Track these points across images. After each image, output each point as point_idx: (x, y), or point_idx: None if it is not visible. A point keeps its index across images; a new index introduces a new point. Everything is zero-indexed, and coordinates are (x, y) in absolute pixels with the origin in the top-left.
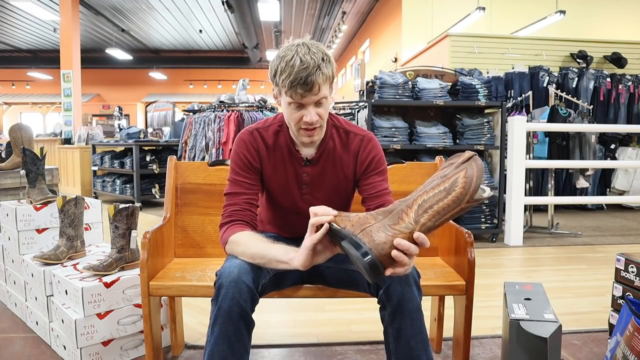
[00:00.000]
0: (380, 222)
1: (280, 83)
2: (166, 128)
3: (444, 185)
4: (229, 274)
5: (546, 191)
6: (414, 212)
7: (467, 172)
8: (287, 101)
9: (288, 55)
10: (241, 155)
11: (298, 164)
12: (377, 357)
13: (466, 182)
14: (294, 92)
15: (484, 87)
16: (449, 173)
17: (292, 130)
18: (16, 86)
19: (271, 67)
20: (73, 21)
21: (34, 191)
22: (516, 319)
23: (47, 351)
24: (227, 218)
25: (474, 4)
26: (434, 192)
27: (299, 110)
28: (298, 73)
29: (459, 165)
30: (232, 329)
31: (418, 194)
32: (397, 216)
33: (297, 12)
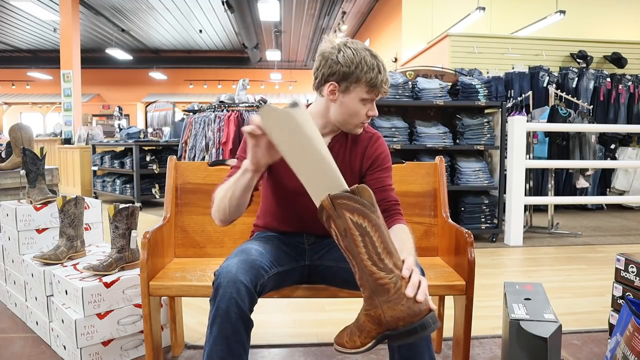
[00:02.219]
0: (381, 305)
1: (363, 78)
2: (166, 128)
3: (356, 237)
4: (226, 273)
5: (546, 191)
6: (377, 271)
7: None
8: (360, 97)
9: (362, 54)
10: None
11: None
12: (377, 357)
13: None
14: (375, 90)
15: (484, 87)
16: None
17: (348, 124)
18: (16, 86)
19: (345, 66)
20: (73, 21)
21: (34, 191)
22: (516, 319)
23: (47, 351)
24: (220, 184)
25: (474, 4)
26: (361, 248)
27: (366, 105)
28: (384, 75)
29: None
30: (230, 330)
31: (365, 258)
32: (380, 289)
33: (297, 12)
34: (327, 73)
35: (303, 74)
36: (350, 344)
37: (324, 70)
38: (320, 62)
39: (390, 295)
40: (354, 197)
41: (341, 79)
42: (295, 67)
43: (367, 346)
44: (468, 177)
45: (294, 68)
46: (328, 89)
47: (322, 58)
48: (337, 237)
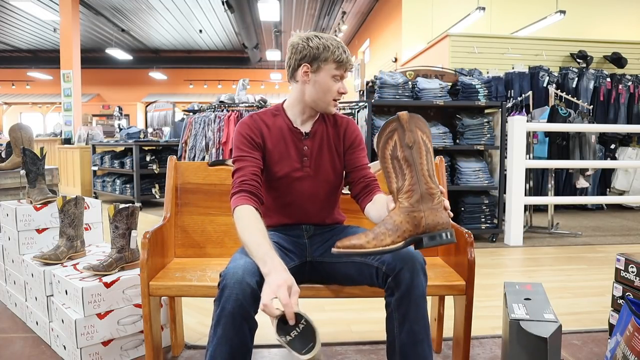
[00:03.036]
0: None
1: (331, 57)
2: (166, 128)
3: (422, 151)
4: (233, 274)
5: (546, 191)
6: (430, 182)
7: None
8: (331, 74)
9: (327, 38)
10: (245, 135)
11: (298, 138)
12: (377, 357)
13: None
14: (343, 66)
15: (484, 87)
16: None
17: (322, 102)
18: (16, 86)
19: (313, 48)
20: (73, 21)
21: (34, 191)
22: (516, 319)
23: (47, 351)
24: (235, 188)
25: (474, 4)
26: (424, 160)
27: (336, 82)
28: (348, 55)
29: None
30: (234, 331)
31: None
32: (429, 196)
33: (297, 12)
34: (299, 57)
35: None
36: (375, 244)
37: (295, 57)
38: (292, 52)
39: (434, 204)
40: (424, 121)
41: (312, 59)
42: None
43: (398, 245)
44: (468, 177)
45: None
46: (302, 71)
47: (293, 47)
48: (394, 148)
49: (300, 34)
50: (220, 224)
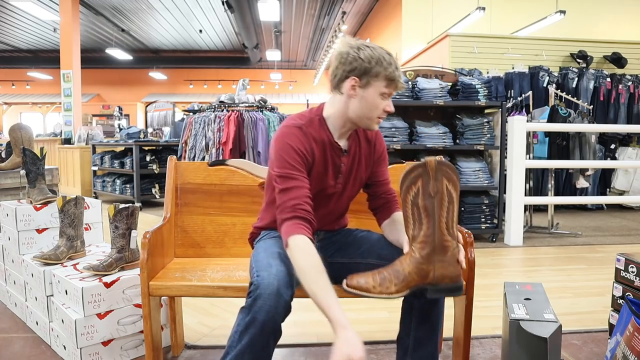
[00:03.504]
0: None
1: (383, 73)
2: (166, 128)
3: (444, 202)
4: (268, 285)
5: (546, 191)
6: (447, 235)
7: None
8: (380, 91)
9: (380, 51)
10: (297, 149)
11: (337, 154)
12: (377, 357)
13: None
14: (394, 84)
15: (484, 87)
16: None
17: (367, 119)
18: (16, 86)
19: (365, 62)
20: (73, 21)
21: (34, 191)
22: (516, 319)
23: (47, 351)
24: (288, 213)
25: (474, 4)
26: (444, 212)
27: (384, 100)
28: (400, 72)
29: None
30: (261, 342)
31: (430, 227)
32: (442, 249)
33: (297, 12)
34: (348, 69)
35: (303, 74)
36: (381, 289)
37: (344, 67)
38: (340, 61)
39: (447, 257)
40: (454, 169)
41: (362, 73)
42: (295, 67)
43: (402, 294)
44: (468, 177)
45: (294, 68)
46: (349, 84)
47: (342, 56)
48: (415, 195)
49: (350, 41)
50: (220, 224)
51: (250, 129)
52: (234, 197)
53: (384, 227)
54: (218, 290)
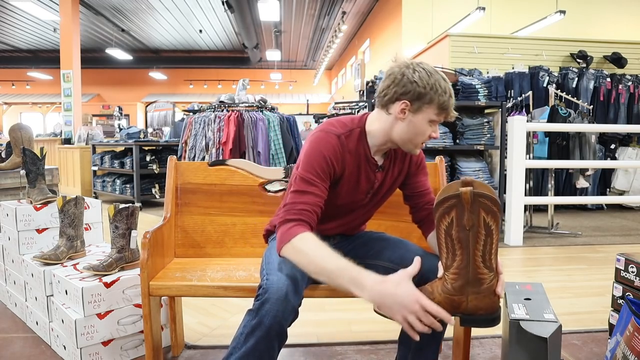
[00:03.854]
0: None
1: (436, 100)
2: (166, 128)
3: (480, 235)
4: (277, 290)
5: (546, 191)
6: (483, 268)
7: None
8: (430, 118)
9: (436, 77)
10: (327, 160)
11: (371, 169)
12: (377, 357)
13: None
14: (444, 112)
15: (484, 87)
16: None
17: (411, 144)
18: (16, 86)
19: (421, 87)
20: (73, 21)
21: (34, 191)
22: (516, 319)
23: (47, 351)
24: (294, 215)
25: (474, 4)
26: (480, 245)
27: (432, 127)
28: (452, 100)
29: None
30: (266, 346)
31: (466, 259)
32: (477, 281)
33: (297, 12)
34: (401, 92)
35: (303, 73)
36: None
37: (396, 89)
38: (393, 80)
39: (482, 288)
40: (494, 199)
41: (415, 98)
42: (295, 67)
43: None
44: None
45: (294, 68)
46: (399, 107)
47: (395, 77)
48: (449, 225)
49: (406, 60)
50: (220, 224)
51: (250, 129)
52: (234, 197)
53: (429, 240)
54: (218, 290)
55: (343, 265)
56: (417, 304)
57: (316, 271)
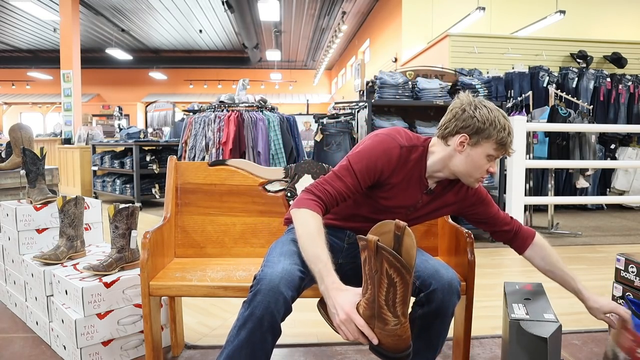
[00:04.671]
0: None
1: (495, 136)
2: (166, 128)
3: (383, 283)
4: (269, 281)
5: (546, 191)
6: (386, 311)
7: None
8: (487, 153)
9: (496, 114)
10: (378, 161)
11: (420, 190)
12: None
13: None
14: (503, 149)
15: (484, 87)
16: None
17: (469, 177)
18: (16, 86)
19: (481, 122)
20: (73, 21)
21: (34, 191)
22: (516, 319)
23: (47, 351)
24: (316, 191)
25: (474, 4)
26: (383, 291)
27: (488, 162)
28: (512, 136)
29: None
30: (259, 337)
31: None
32: (382, 320)
33: (297, 12)
34: (461, 125)
35: (303, 74)
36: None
37: (457, 122)
38: (455, 114)
39: (386, 329)
40: (399, 258)
41: (474, 132)
42: (295, 67)
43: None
44: None
45: (294, 68)
46: (458, 140)
47: (457, 110)
48: (364, 262)
49: (469, 97)
50: (220, 224)
51: (250, 129)
52: (234, 197)
53: (530, 258)
54: (218, 290)
55: (319, 256)
56: (346, 315)
57: (301, 247)
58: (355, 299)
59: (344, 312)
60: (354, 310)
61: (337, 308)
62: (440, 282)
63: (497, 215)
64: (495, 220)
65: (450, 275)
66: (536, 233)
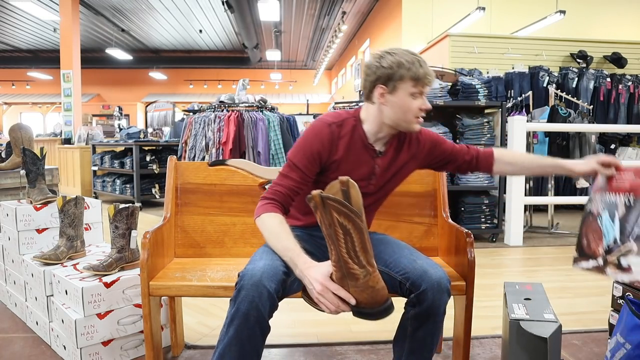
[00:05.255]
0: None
1: (407, 75)
2: (166, 128)
3: (339, 234)
4: (251, 276)
5: (546, 191)
6: (352, 264)
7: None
8: (409, 92)
9: (401, 54)
10: (313, 146)
11: (371, 156)
12: (377, 357)
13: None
14: (421, 82)
15: (484, 87)
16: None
17: (404, 122)
18: (16, 86)
19: (386, 68)
20: (73, 21)
21: (34, 191)
22: (516, 319)
23: (47, 351)
24: (269, 195)
25: (474, 4)
26: (342, 243)
27: (416, 99)
28: (425, 68)
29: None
30: (247, 332)
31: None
32: (351, 276)
33: (297, 12)
34: (374, 79)
35: (303, 73)
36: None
37: (369, 78)
38: (366, 72)
39: (358, 283)
40: (342, 202)
41: (387, 80)
42: (295, 67)
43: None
44: (468, 177)
45: (294, 68)
46: (377, 93)
47: (367, 68)
48: (320, 222)
49: (374, 52)
50: (220, 224)
51: (250, 129)
52: (234, 197)
53: (501, 171)
54: (218, 290)
55: (287, 246)
56: (321, 285)
57: (271, 246)
58: (328, 270)
59: (318, 282)
60: (327, 278)
61: (312, 282)
62: (429, 282)
63: (455, 149)
64: (455, 155)
65: (439, 274)
66: (493, 149)
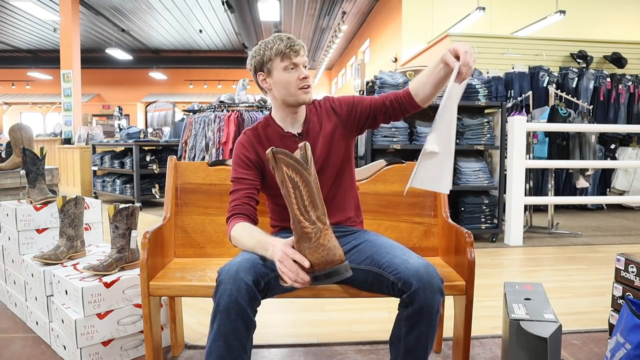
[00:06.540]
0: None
1: (272, 54)
2: (166, 128)
3: (289, 189)
4: (227, 271)
5: (546, 191)
6: (304, 222)
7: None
8: (282, 67)
9: (264, 40)
10: (240, 155)
11: (292, 142)
12: (377, 357)
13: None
14: (287, 55)
15: (484, 87)
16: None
17: (290, 97)
18: (16, 86)
19: (256, 56)
20: (73, 21)
21: (34, 191)
22: (516, 319)
23: (47, 351)
24: (229, 213)
25: (474, 4)
26: (293, 199)
27: (294, 71)
28: (287, 41)
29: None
30: (229, 326)
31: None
32: (305, 236)
33: (297, 12)
34: (252, 71)
35: None
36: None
37: (251, 72)
38: (249, 69)
39: (312, 243)
40: (290, 154)
41: (259, 67)
42: None
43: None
44: (468, 177)
45: None
46: (260, 81)
47: (247, 65)
48: (280, 184)
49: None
50: (220, 224)
51: None
52: None
53: (423, 101)
54: None
55: (259, 239)
56: (281, 251)
57: (249, 249)
58: (291, 240)
59: (279, 250)
60: (288, 246)
61: (276, 252)
62: (421, 282)
63: (374, 100)
64: (377, 105)
65: (430, 273)
66: (407, 86)
